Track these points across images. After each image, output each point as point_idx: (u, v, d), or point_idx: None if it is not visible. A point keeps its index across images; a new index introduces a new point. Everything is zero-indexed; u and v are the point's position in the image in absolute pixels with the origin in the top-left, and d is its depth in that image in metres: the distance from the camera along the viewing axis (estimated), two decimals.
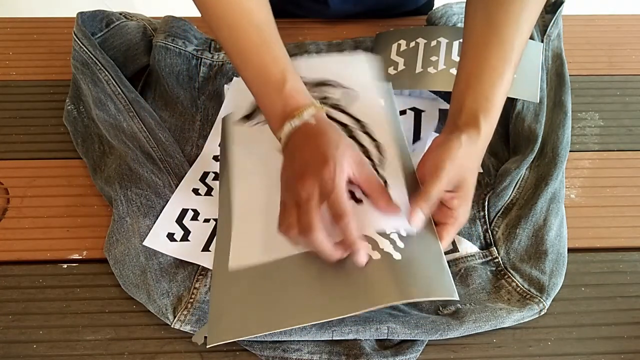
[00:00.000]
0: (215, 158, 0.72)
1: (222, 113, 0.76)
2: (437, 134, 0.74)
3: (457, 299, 0.55)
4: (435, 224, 0.60)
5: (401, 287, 0.54)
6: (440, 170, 0.57)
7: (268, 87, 0.61)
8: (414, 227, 0.58)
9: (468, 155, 0.58)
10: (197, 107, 0.77)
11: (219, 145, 0.73)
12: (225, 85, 0.79)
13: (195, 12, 1.01)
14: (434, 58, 0.79)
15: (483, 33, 0.62)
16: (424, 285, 0.55)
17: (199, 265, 0.63)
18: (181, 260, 0.64)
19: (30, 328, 0.60)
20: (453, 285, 0.55)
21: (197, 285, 0.62)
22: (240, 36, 0.62)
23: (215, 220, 0.66)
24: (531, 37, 0.81)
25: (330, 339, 0.59)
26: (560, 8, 0.84)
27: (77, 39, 0.75)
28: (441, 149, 0.58)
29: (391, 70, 0.79)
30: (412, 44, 0.81)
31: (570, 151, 0.72)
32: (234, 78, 0.80)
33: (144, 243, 0.63)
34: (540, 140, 0.72)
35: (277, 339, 0.58)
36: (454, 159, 0.57)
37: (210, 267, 0.63)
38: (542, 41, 0.82)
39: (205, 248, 0.64)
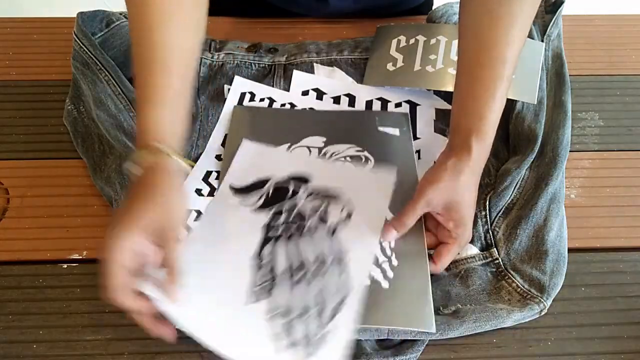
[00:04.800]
0: (218, 157, 0.72)
1: (224, 114, 0.76)
2: (438, 134, 0.75)
3: (434, 331, 0.58)
4: (439, 242, 0.63)
5: (384, 313, 0.58)
6: (418, 195, 0.61)
7: (149, 103, 0.57)
8: (385, 239, 0.63)
9: (454, 176, 0.61)
10: (197, 107, 0.77)
11: (222, 146, 0.73)
12: (225, 86, 0.79)
13: None
14: (432, 57, 0.79)
15: (474, 52, 0.63)
16: (405, 316, 0.58)
17: None
18: None
19: (30, 328, 0.60)
20: (433, 318, 0.58)
21: None
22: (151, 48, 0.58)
23: None
24: (531, 37, 0.81)
25: None
26: (560, 8, 0.84)
27: (77, 39, 0.75)
28: (426, 175, 0.63)
29: (390, 67, 0.80)
30: (412, 40, 0.81)
31: (570, 151, 0.72)
32: (235, 77, 0.80)
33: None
34: (540, 140, 0.72)
35: None
36: (435, 184, 0.61)
37: None
38: (542, 41, 0.82)
39: None
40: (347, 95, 0.79)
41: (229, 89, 0.79)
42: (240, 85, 0.79)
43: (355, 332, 0.57)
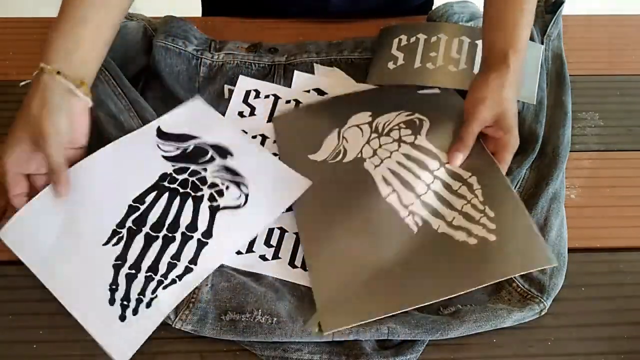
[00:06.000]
0: None
1: (229, 114, 0.76)
2: None
3: (556, 264, 0.59)
4: (492, 153, 0.67)
5: (501, 266, 0.60)
6: (470, 116, 0.66)
7: (52, 31, 0.65)
8: (452, 165, 0.66)
9: (498, 90, 0.66)
10: None
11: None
12: (225, 86, 0.79)
13: (195, 12, 1.01)
14: (432, 54, 0.79)
15: None
16: (522, 260, 0.60)
17: None
18: None
19: (30, 328, 0.60)
20: (549, 252, 0.59)
21: (198, 285, 0.62)
22: None
23: None
24: (531, 37, 0.81)
25: (331, 339, 0.59)
26: (560, 8, 0.84)
27: None
28: (472, 95, 0.67)
29: (390, 65, 0.80)
30: (413, 39, 0.81)
31: (570, 151, 0.72)
32: (240, 76, 0.80)
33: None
34: (540, 140, 0.72)
35: (278, 340, 0.59)
36: (484, 101, 0.65)
37: (226, 264, 0.63)
38: (542, 41, 0.82)
39: None
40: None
41: (229, 89, 0.79)
42: (244, 83, 0.79)
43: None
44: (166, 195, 0.66)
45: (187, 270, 0.62)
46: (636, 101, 0.81)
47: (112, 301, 0.60)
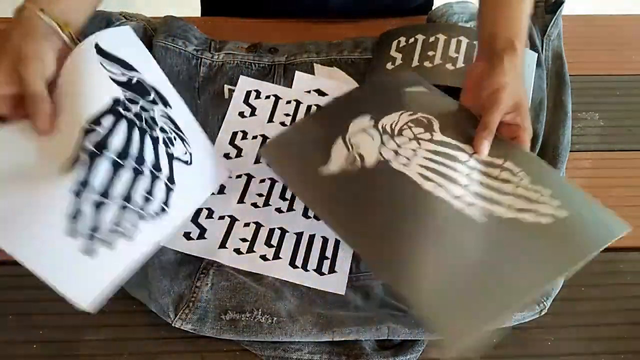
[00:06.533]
0: (226, 156, 0.72)
1: (229, 114, 0.76)
2: None
3: (630, 229, 0.57)
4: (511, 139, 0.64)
5: (590, 238, 0.57)
6: (493, 101, 0.63)
7: None
8: (481, 154, 0.63)
9: (515, 75, 0.64)
10: (197, 107, 0.77)
11: (229, 144, 0.73)
12: (225, 86, 0.79)
13: (195, 12, 1.01)
14: (431, 53, 0.79)
15: None
16: (604, 230, 0.58)
17: (200, 264, 0.63)
18: (182, 259, 0.64)
19: (30, 328, 0.60)
20: (619, 218, 0.58)
21: (198, 284, 0.62)
22: None
23: (230, 217, 0.67)
24: (531, 38, 0.81)
25: (331, 339, 0.59)
26: (560, 8, 0.84)
27: (77, 40, 0.75)
28: (493, 79, 0.64)
29: (389, 66, 0.80)
30: (411, 40, 0.81)
31: (570, 151, 0.72)
32: (241, 77, 0.80)
33: (161, 243, 0.63)
34: (541, 140, 0.72)
35: (278, 340, 0.59)
36: (507, 87, 0.63)
37: (227, 264, 0.63)
38: (542, 41, 0.82)
39: (222, 245, 0.65)
40: None
41: (229, 89, 0.79)
42: (245, 84, 0.79)
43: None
44: (125, 123, 0.57)
45: (163, 210, 0.57)
46: (636, 101, 0.81)
47: (72, 232, 0.52)
